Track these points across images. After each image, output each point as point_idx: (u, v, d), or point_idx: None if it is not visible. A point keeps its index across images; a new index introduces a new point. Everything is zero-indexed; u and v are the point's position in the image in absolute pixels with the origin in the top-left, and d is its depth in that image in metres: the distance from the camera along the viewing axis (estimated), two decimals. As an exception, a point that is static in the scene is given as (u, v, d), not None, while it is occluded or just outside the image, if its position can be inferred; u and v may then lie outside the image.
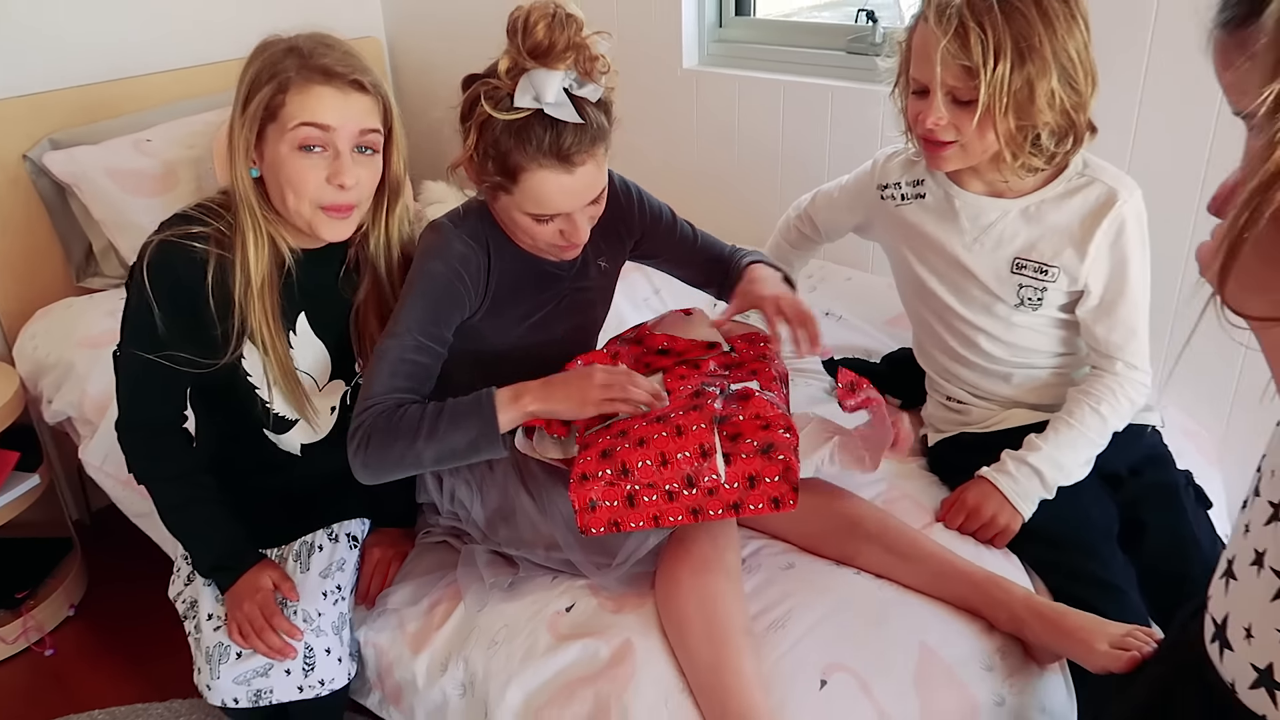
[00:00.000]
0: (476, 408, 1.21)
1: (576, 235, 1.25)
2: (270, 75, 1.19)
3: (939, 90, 1.26)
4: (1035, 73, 1.21)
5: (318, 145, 1.21)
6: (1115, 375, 1.38)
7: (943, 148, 1.31)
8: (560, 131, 1.16)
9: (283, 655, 1.29)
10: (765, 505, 1.16)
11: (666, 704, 1.12)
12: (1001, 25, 1.20)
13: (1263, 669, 0.77)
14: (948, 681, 1.12)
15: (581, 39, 1.18)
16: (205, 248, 1.25)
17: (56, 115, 2.24)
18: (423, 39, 2.80)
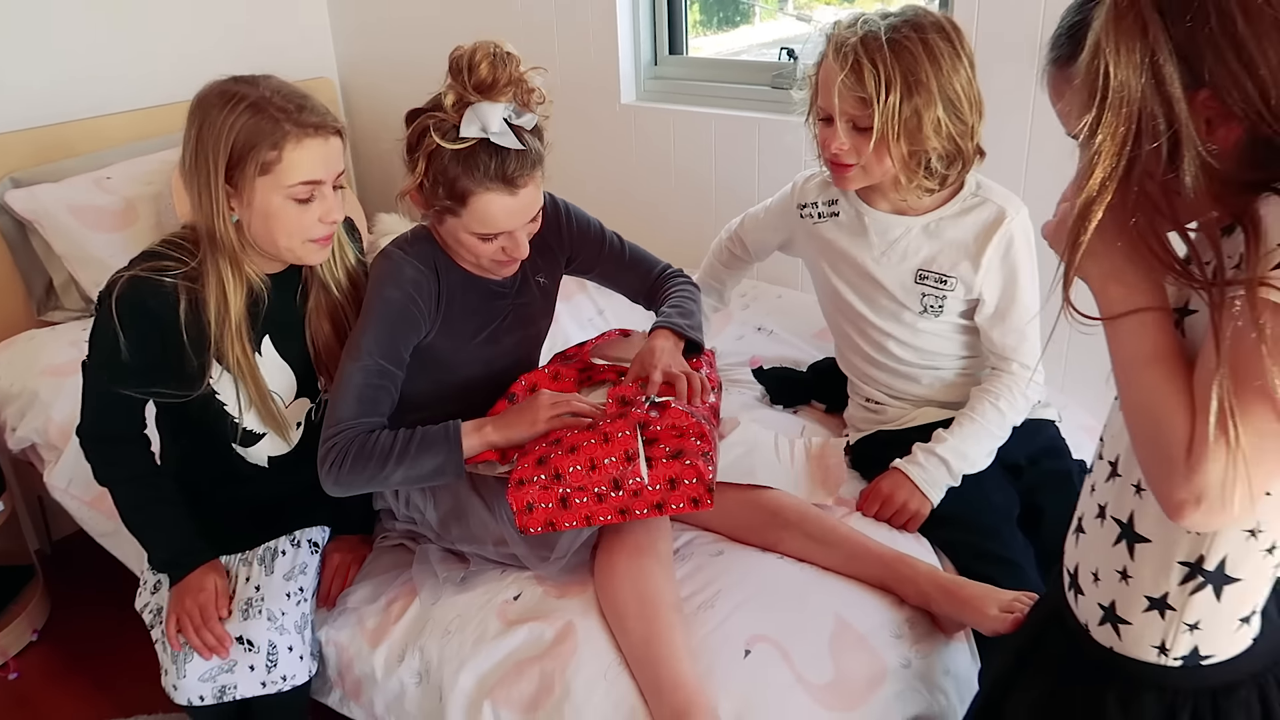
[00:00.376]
0: (444, 438, 1.34)
1: (518, 251, 1.37)
2: (259, 135, 1.26)
3: (840, 119, 1.41)
4: (922, 104, 1.36)
5: (313, 196, 1.32)
6: (1011, 375, 1.52)
7: (846, 169, 1.45)
8: (504, 158, 1.28)
9: (213, 653, 1.37)
10: (685, 505, 1.28)
11: (605, 676, 1.23)
12: (891, 61, 1.35)
13: (1107, 606, 0.91)
14: (859, 647, 1.24)
15: (520, 74, 1.31)
16: (175, 281, 1.33)
17: (16, 155, 2.32)
18: (373, 78, 2.92)
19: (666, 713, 1.15)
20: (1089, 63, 0.74)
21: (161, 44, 2.56)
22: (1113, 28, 0.72)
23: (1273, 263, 0.68)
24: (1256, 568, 0.83)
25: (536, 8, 2.45)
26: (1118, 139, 0.72)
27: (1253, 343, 0.68)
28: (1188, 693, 0.88)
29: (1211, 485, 0.70)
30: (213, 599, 1.40)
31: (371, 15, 2.86)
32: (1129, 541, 0.88)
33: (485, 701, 1.27)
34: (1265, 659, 0.88)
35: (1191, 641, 0.86)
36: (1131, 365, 0.78)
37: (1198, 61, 0.70)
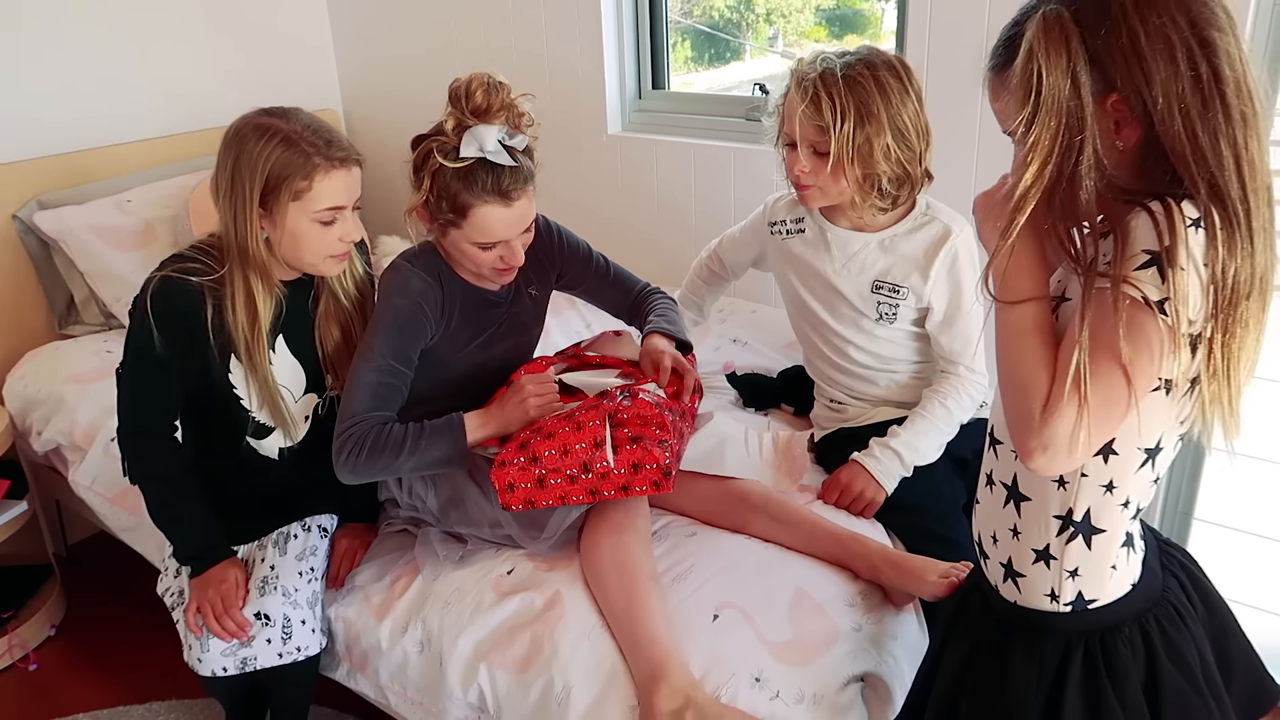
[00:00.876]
0: (449, 430, 1.50)
1: (514, 259, 1.54)
2: (293, 167, 1.43)
3: (802, 144, 1.58)
4: (873, 132, 1.53)
5: (335, 219, 1.49)
6: (958, 376, 1.68)
7: (807, 189, 1.62)
8: (499, 174, 1.45)
9: (233, 637, 1.51)
10: (648, 487, 1.44)
11: (589, 637, 1.37)
12: (846, 94, 1.52)
13: (1006, 563, 1.06)
14: (816, 614, 1.39)
15: (511, 100, 1.49)
16: (201, 283, 1.49)
17: (43, 180, 2.48)
18: (374, 110, 3.10)
19: (643, 666, 1.30)
20: (1024, 67, 0.88)
21: (177, 78, 2.73)
22: (1043, 37, 0.86)
23: (1134, 265, 0.84)
24: (1116, 519, 0.98)
25: (529, 46, 2.64)
26: (1050, 133, 0.86)
27: (1112, 324, 0.84)
28: (1080, 634, 1.01)
29: (1058, 435, 0.86)
30: (233, 590, 1.54)
31: (373, 52, 3.05)
32: (1015, 501, 1.03)
33: (481, 664, 1.41)
34: (1144, 602, 1.02)
35: (1075, 588, 1.00)
36: (1011, 336, 0.92)
37: (1110, 69, 0.85)
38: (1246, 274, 0.85)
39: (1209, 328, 0.86)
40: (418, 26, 2.90)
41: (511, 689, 1.38)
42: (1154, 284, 0.83)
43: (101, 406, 2.12)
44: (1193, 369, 0.89)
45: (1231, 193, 0.84)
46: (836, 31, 2.65)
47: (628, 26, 2.53)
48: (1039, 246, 0.93)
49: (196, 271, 1.49)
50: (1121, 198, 0.88)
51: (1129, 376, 0.85)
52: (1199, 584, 1.10)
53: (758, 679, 1.29)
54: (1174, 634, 1.01)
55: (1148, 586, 1.03)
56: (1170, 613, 1.02)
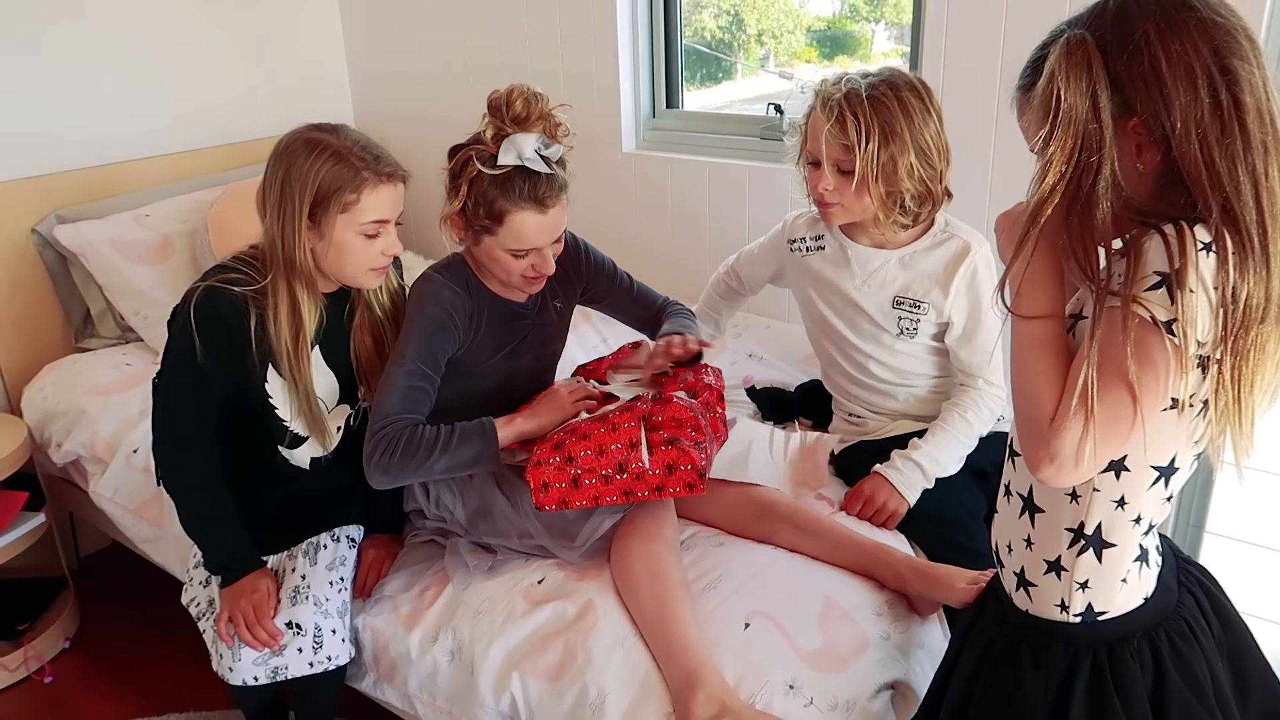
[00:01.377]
0: (480, 431, 1.52)
1: (546, 267, 1.57)
2: (343, 181, 1.46)
3: (826, 162, 1.61)
4: (897, 151, 1.57)
5: (380, 233, 1.52)
6: (977, 390, 1.71)
7: (831, 207, 1.66)
8: (535, 181, 1.49)
9: (264, 646, 1.52)
10: (681, 489, 1.46)
11: (622, 645, 1.39)
12: (870, 114, 1.56)
13: (1019, 573, 1.08)
14: (845, 622, 1.41)
15: (548, 110, 1.53)
16: (244, 293, 1.51)
17: (62, 194, 2.50)
18: (387, 125, 3.13)
19: (678, 673, 1.31)
20: (1045, 87, 0.91)
21: (195, 95, 2.76)
22: (1064, 60, 0.89)
23: (1144, 286, 0.86)
24: (1128, 535, 1.00)
25: (544, 65, 2.68)
26: (1066, 150, 0.89)
27: (1121, 343, 0.87)
28: (1088, 645, 1.03)
29: (1065, 447, 0.88)
30: (265, 599, 1.55)
31: (388, 71, 3.09)
32: (1030, 513, 1.05)
33: (514, 673, 1.43)
34: (1155, 616, 1.04)
35: (1085, 599, 1.02)
36: (1025, 349, 0.95)
37: (1131, 94, 0.88)
38: (1260, 298, 0.86)
39: (1219, 350, 0.88)
40: (433, 45, 2.94)
41: (545, 697, 1.40)
42: (1163, 305, 0.85)
43: (122, 419, 2.13)
44: (1203, 390, 0.91)
45: (1247, 217, 0.86)
46: (827, 52, 2.70)
47: (643, 45, 2.57)
48: (1057, 265, 0.95)
49: (239, 282, 1.51)
50: (1139, 219, 0.90)
51: (1135, 394, 0.87)
52: (1216, 602, 1.11)
53: (791, 686, 1.31)
54: (1184, 649, 1.02)
55: (1161, 601, 1.05)
56: (1182, 628, 1.04)
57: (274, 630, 1.53)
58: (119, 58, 2.59)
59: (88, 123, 2.55)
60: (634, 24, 2.54)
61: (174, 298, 2.35)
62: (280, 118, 2.95)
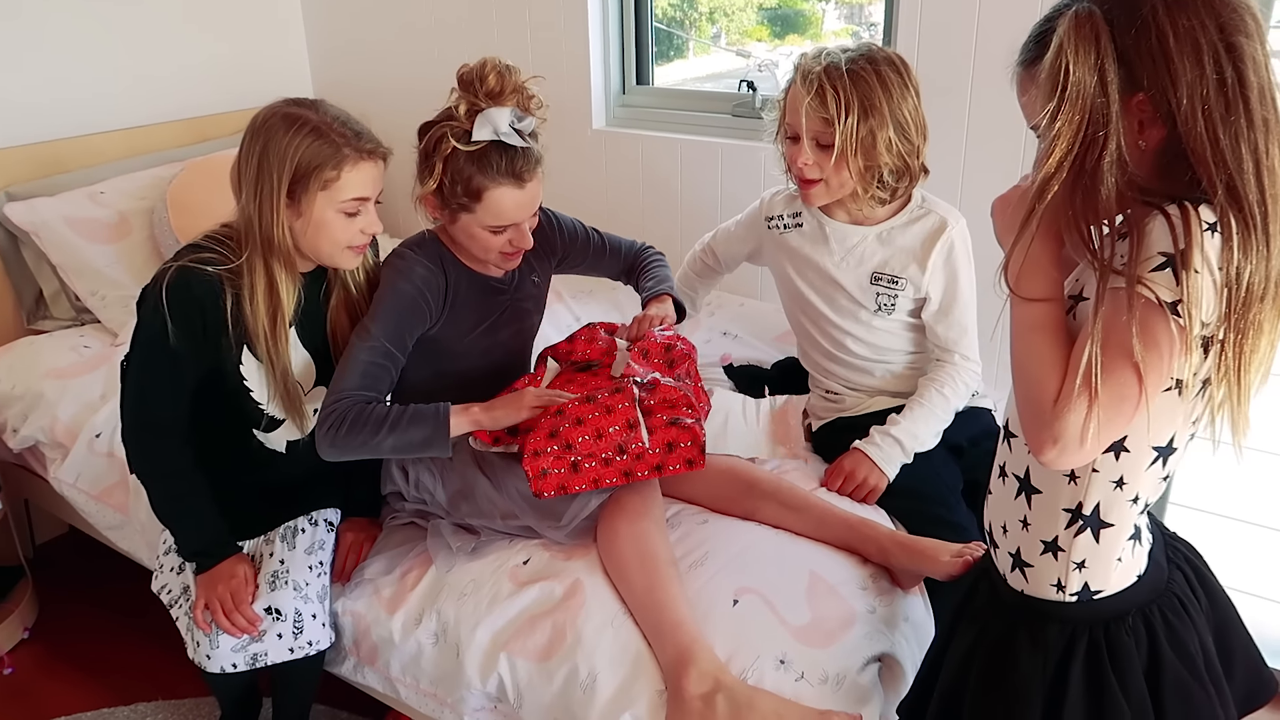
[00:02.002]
0: (434, 414, 1.49)
1: (524, 241, 1.55)
2: (323, 157, 1.42)
3: (806, 136, 1.61)
4: (876, 124, 1.57)
5: (359, 211, 1.48)
6: (954, 365, 1.73)
7: (812, 185, 1.65)
8: (512, 156, 1.47)
9: (242, 633, 1.50)
10: (681, 466, 1.46)
11: (612, 624, 1.39)
12: (850, 87, 1.56)
13: (1014, 553, 1.09)
14: (831, 596, 1.42)
15: (521, 83, 1.51)
16: (218, 272, 1.46)
17: (11, 170, 2.41)
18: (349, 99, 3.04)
19: (670, 651, 1.31)
20: (1052, 61, 0.90)
21: (148, 67, 2.67)
22: (1073, 33, 0.88)
23: (1149, 267, 0.87)
24: (1125, 514, 1.01)
25: (512, 39, 2.64)
26: (1073, 126, 0.88)
27: (1125, 323, 0.87)
28: (1084, 623, 1.03)
29: (1069, 429, 0.88)
30: (243, 585, 1.52)
31: (348, 45, 3.02)
32: (1026, 494, 1.06)
33: (501, 653, 1.42)
34: (1149, 593, 1.05)
35: (1081, 579, 1.03)
36: (1025, 331, 0.95)
37: (1138, 69, 0.88)
38: (1261, 277, 0.87)
39: (1221, 330, 0.89)
40: (395, 18, 2.87)
41: (533, 677, 1.39)
42: (1168, 286, 0.86)
43: (83, 402, 2.07)
44: (1204, 370, 0.92)
45: (1249, 196, 0.86)
46: (778, 31, 2.70)
47: (613, 20, 2.54)
48: (1057, 247, 0.95)
49: (213, 262, 1.46)
50: (1141, 198, 0.90)
51: (1140, 375, 0.87)
52: (1203, 577, 1.13)
53: (782, 661, 1.31)
54: (1177, 624, 1.04)
55: (1153, 579, 1.06)
56: (1174, 604, 1.05)
57: (253, 616, 1.50)
58: (70, 28, 2.49)
59: (38, 96, 2.45)
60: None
61: (132, 277, 2.32)
62: (237, 92, 2.89)
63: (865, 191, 1.64)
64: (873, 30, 2.49)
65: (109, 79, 2.59)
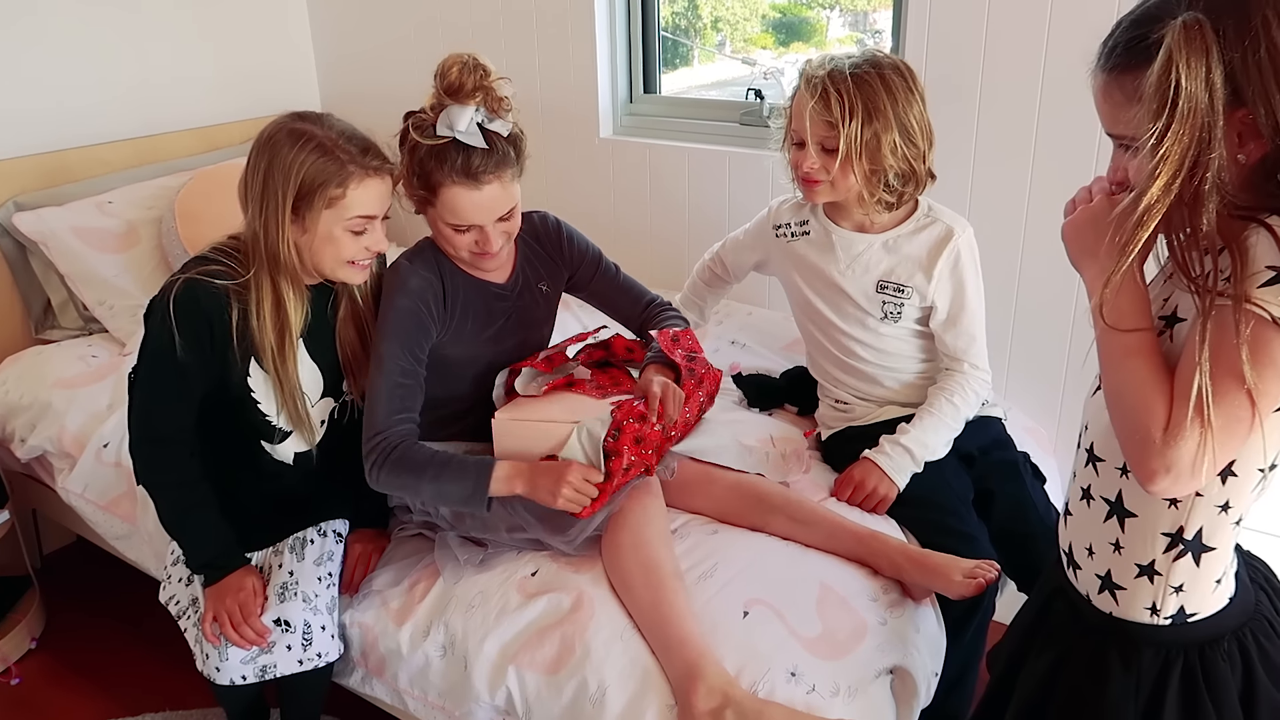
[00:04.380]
0: (476, 472, 1.46)
1: (488, 245, 1.53)
2: (328, 174, 1.42)
3: (811, 141, 1.61)
4: (880, 128, 1.57)
5: (368, 229, 1.48)
6: (963, 374, 1.72)
7: (815, 184, 1.65)
8: (469, 155, 1.46)
9: (251, 645, 1.49)
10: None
11: (621, 637, 1.38)
12: (854, 91, 1.56)
13: (1104, 575, 1.06)
14: (842, 608, 1.41)
15: (488, 83, 1.49)
16: (226, 285, 1.46)
17: (20, 180, 2.41)
18: (356, 109, 3.05)
19: (678, 666, 1.31)
20: (1161, 74, 0.84)
21: (156, 77, 2.67)
22: (1184, 44, 0.83)
23: (1258, 283, 0.83)
24: (1226, 537, 0.98)
25: (520, 47, 2.64)
26: (1182, 144, 0.84)
27: (1233, 345, 0.83)
28: (1179, 647, 1.01)
29: (1183, 458, 0.85)
30: (251, 597, 1.51)
31: (354, 50, 3.02)
32: (1119, 517, 1.02)
33: (510, 666, 1.41)
34: (1240, 616, 1.03)
35: (1178, 602, 1.01)
36: (1121, 355, 0.91)
37: (1244, 83, 0.83)
38: None
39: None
40: (404, 27, 2.88)
41: (542, 690, 1.38)
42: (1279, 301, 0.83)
43: (90, 412, 2.06)
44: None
45: None
46: (783, 39, 2.70)
47: (620, 29, 2.54)
48: (1141, 269, 0.92)
49: (221, 275, 1.46)
50: (1234, 213, 0.87)
51: (1253, 398, 0.84)
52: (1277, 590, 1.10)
53: (793, 673, 1.30)
54: (1269, 647, 1.02)
55: (1243, 600, 1.03)
56: (1265, 627, 1.03)
57: (261, 629, 1.49)
58: (78, 38, 2.49)
59: (46, 106, 2.46)
60: (611, 7, 2.51)
61: (140, 287, 2.32)
62: (244, 101, 2.89)
63: (871, 195, 1.64)
64: (878, 38, 2.48)
65: (117, 89, 2.60)
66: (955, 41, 2.00)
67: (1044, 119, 1.93)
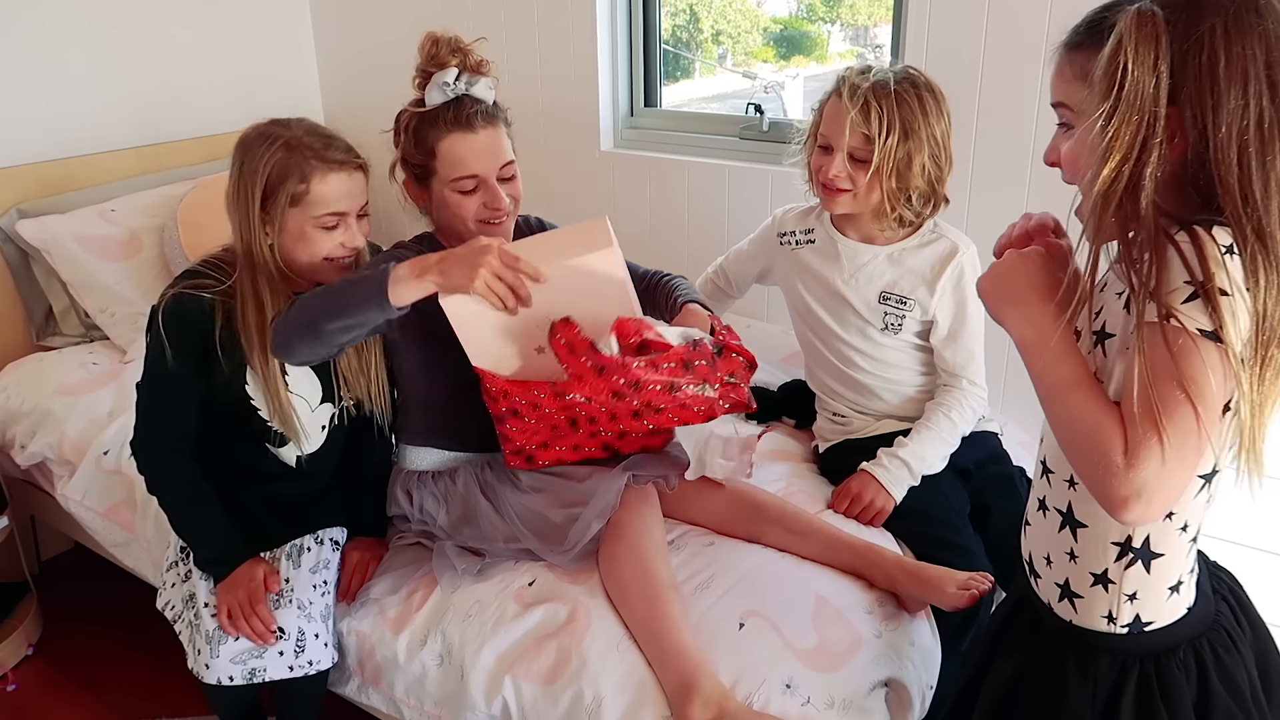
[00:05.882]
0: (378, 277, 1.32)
1: (498, 202, 1.54)
2: (290, 170, 1.45)
3: (842, 150, 1.62)
4: (914, 147, 1.59)
5: (337, 225, 1.50)
6: (961, 389, 1.73)
7: (838, 194, 1.66)
8: (460, 106, 1.51)
9: (262, 640, 1.49)
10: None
11: (617, 648, 1.38)
12: (894, 108, 1.58)
13: (1062, 584, 1.07)
14: (838, 620, 1.42)
15: (463, 46, 1.54)
16: (214, 298, 1.50)
17: (23, 188, 2.42)
18: (358, 118, 3.07)
19: (674, 678, 1.31)
20: (1111, 56, 0.86)
21: (160, 85, 2.69)
22: (1135, 31, 0.85)
23: (1179, 299, 0.84)
24: (1175, 544, 0.99)
25: (522, 62, 2.66)
26: (1130, 129, 0.85)
27: (1169, 359, 0.84)
28: (1135, 656, 1.01)
29: (1149, 480, 0.84)
30: (260, 588, 1.52)
31: (356, 60, 3.04)
32: (1071, 528, 1.04)
33: (506, 676, 1.41)
34: (1199, 626, 1.03)
35: (1133, 610, 1.02)
36: (1058, 390, 0.92)
37: (1180, 81, 0.85)
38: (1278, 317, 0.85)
39: (1246, 354, 0.86)
40: (405, 39, 2.88)
41: (538, 700, 1.38)
42: (1202, 314, 0.84)
43: (90, 419, 2.07)
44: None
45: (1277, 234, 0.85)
46: (784, 52, 2.72)
47: (621, 43, 2.56)
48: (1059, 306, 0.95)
49: (208, 286, 1.50)
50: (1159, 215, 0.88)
51: (1196, 408, 0.84)
52: (1245, 606, 1.11)
53: (788, 685, 1.31)
54: (1226, 659, 1.02)
55: (1202, 610, 1.04)
56: (1223, 638, 1.04)
57: (268, 618, 1.49)
58: (82, 47, 2.51)
59: (50, 114, 2.48)
60: (613, 21, 2.53)
61: (141, 295, 2.34)
62: (247, 111, 2.87)
63: (892, 211, 1.66)
64: (878, 52, 2.50)
65: (121, 97, 2.62)
66: (954, 57, 2.02)
67: (1042, 135, 1.94)
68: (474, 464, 1.67)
